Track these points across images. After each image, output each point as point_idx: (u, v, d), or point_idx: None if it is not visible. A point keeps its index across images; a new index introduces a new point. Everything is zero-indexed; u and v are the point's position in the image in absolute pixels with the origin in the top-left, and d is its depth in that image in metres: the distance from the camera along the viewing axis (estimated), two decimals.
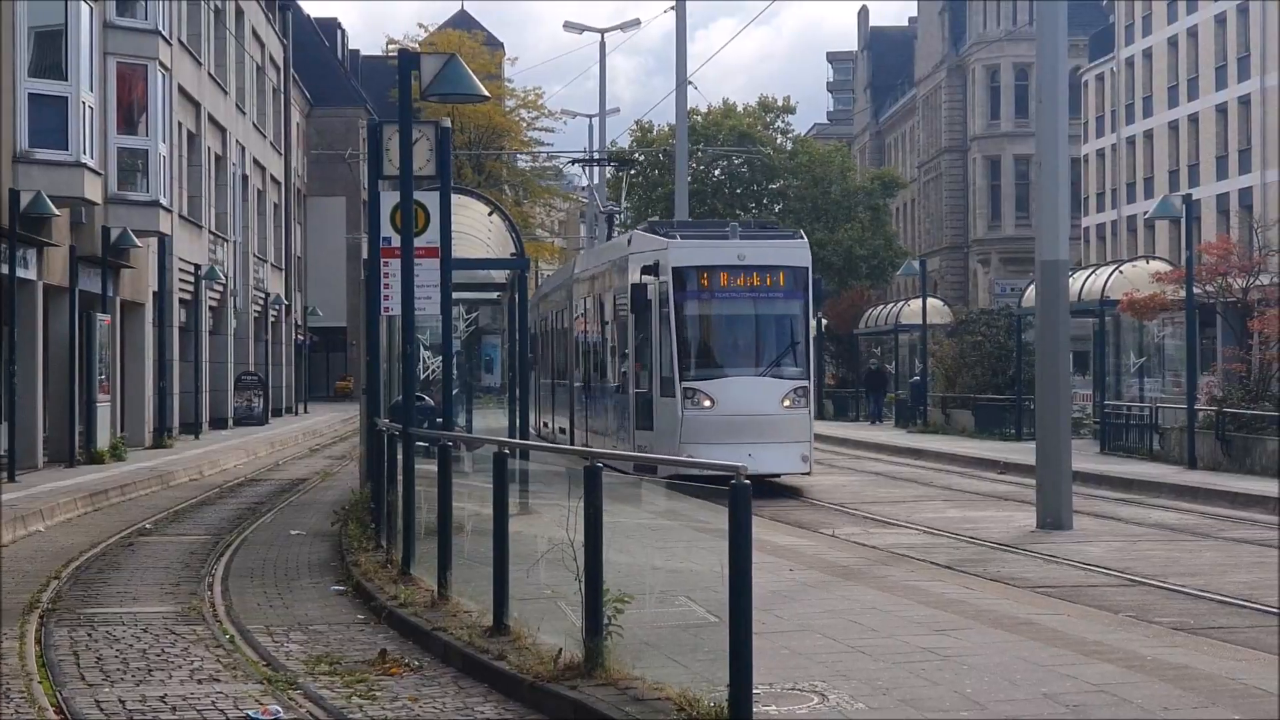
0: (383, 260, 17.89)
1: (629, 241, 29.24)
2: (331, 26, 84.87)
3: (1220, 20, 68.57)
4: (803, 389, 26.79)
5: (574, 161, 51.41)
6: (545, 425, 38.94)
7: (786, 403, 26.44)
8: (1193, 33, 71.69)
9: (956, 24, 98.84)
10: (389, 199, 17.81)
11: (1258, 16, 64.70)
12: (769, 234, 30.40)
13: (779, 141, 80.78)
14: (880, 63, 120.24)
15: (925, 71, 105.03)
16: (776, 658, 10.61)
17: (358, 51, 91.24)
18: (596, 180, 64.64)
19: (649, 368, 26.97)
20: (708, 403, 26.13)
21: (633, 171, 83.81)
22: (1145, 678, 10.18)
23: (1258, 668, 10.70)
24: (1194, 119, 70.85)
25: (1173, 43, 73.96)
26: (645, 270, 26.76)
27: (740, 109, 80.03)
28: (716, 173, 79.31)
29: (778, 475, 26.80)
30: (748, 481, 8.32)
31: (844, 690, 9.76)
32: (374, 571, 15.48)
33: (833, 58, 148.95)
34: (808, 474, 27.14)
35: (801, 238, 29.07)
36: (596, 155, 56.45)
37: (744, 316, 27.22)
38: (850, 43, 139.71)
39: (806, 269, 27.43)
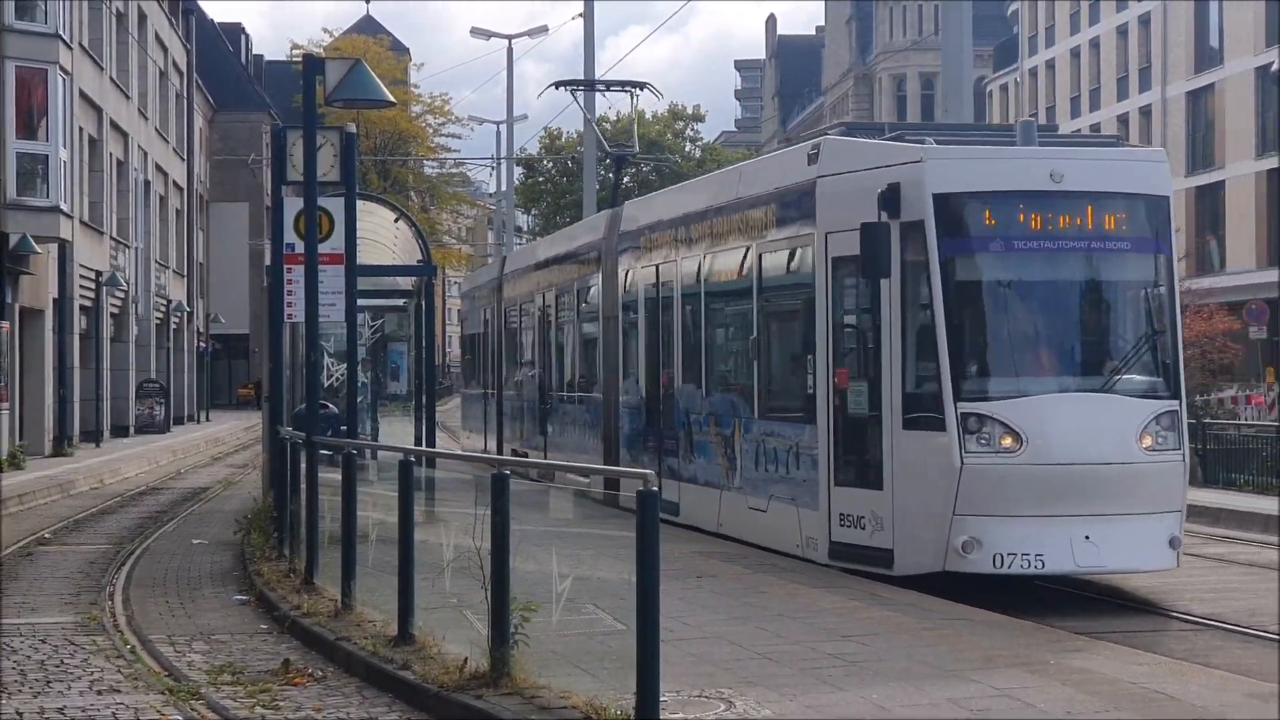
0: (286, 267, 17.78)
1: (812, 156, 16.78)
2: (235, 31, 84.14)
3: (1122, 31, 69.47)
4: (1170, 415, 15.33)
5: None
6: (521, 453, 29.63)
7: (1147, 441, 15.05)
8: (1095, 44, 72.60)
9: (864, 33, 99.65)
10: (293, 205, 17.69)
11: (1159, 28, 65.61)
12: (1089, 141, 19.91)
13: (688, 149, 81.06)
14: (788, 71, 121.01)
15: (833, 80, 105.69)
16: (684, 665, 10.60)
17: (262, 56, 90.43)
18: (505, 186, 64.48)
19: (873, 378, 15.61)
20: (1009, 441, 14.71)
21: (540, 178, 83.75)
22: (1049, 682, 10.24)
23: (1159, 671, 10.81)
24: (1096, 129, 71.69)
25: (1075, 53, 74.86)
26: (884, 200, 15.18)
27: (650, 116, 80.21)
28: (626, 180, 79.42)
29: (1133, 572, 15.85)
30: (655, 489, 8.30)
31: (751, 697, 9.76)
32: (277, 581, 15.34)
33: (741, 65, 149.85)
34: (1174, 568, 15.65)
35: (1153, 149, 18.00)
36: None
37: (1067, 286, 15.70)
38: (758, 51, 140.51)
39: (1166, 201, 15.90)
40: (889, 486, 15.29)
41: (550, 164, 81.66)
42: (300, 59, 18.66)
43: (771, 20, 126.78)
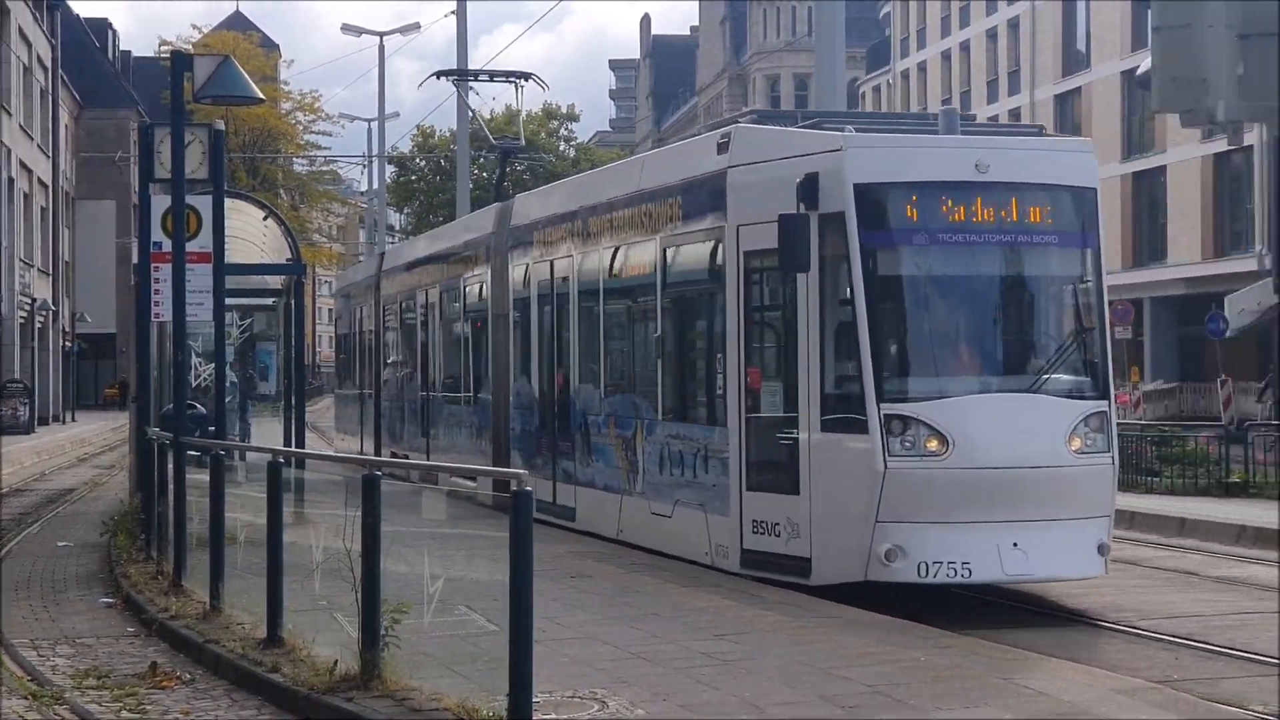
0: (153, 265, 17.53)
1: (722, 145, 15.90)
2: (102, 27, 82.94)
3: (992, 35, 70.43)
4: (1100, 416, 14.75)
5: None
6: (401, 455, 28.48)
7: (1076, 444, 14.42)
8: (965, 47, 73.52)
9: (738, 34, 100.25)
10: (160, 203, 17.46)
11: (1027, 32, 66.56)
12: (1012, 130, 18.82)
13: (562, 149, 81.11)
14: (663, 71, 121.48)
15: (707, 80, 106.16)
16: (557, 665, 10.57)
17: (130, 52, 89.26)
18: (377, 184, 64.09)
19: (788, 377, 14.88)
20: (934, 444, 13.92)
21: (413, 176, 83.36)
22: (919, 678, 10.32)
23: (1029, 666, 10.94)
24: None
25: (946, 56, 75.79)
26: (801, 190, 14.36)
27: (524, 115, 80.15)
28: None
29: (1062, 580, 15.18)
30: (529, 489, 8.26)
31: (624, 697, 9.76)
32: (144, 583, 15.11)
33: (615, 65, 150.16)
34: (1102, 575, 15.09)
35: (1080, 139, 17.22)
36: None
37: (993, 281, 15.01)
38: (633, 50, 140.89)
39: (1094, 193, 15.16)
40: (806, 491, 14.42)
41: (423, 162, 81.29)
42: (169, 55, 18.40)
43: (646, 20, 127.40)
